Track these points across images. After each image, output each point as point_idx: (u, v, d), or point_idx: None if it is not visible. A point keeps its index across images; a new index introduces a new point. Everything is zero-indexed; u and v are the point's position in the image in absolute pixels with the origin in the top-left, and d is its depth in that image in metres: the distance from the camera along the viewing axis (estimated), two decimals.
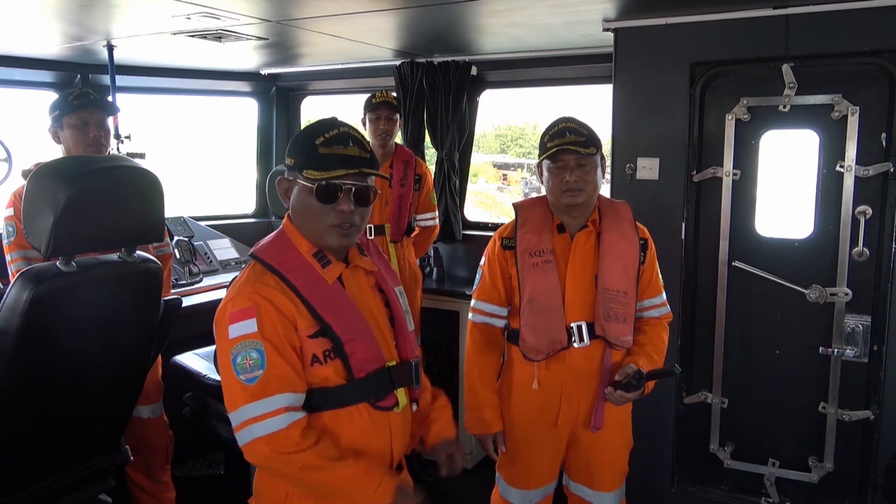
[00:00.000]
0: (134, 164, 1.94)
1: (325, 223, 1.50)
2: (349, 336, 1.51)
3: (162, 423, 2.84)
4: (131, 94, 4.13)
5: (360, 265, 1.63)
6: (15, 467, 1.85)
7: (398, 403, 1.59)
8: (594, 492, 2.28)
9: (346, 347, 1.51)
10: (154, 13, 2.65)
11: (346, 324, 1.52)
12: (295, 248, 1.54)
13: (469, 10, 2.64)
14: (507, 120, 9.60)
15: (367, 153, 1.52)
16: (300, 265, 1.52)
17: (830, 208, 2.65)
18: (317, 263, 1.53)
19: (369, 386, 1.55)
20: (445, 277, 4.02)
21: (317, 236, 1.53)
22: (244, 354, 1.43)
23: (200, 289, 3.55)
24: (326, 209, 1.49)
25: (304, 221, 1.54)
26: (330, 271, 1.54)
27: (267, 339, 1.44)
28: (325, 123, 1.53)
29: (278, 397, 1.44)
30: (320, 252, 1.54)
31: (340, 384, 1.52)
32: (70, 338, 1.81)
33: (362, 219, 1.54)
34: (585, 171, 2.07)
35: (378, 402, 1.56)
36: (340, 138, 1.50)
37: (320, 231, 1.52)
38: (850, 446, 2.72)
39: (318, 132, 1.50)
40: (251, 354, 1.43)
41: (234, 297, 1.48)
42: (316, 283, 1.52)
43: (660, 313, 2.27)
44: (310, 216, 1.52)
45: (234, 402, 1.46)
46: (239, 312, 1.45)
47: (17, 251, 2.44)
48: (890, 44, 2.43)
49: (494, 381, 2.28)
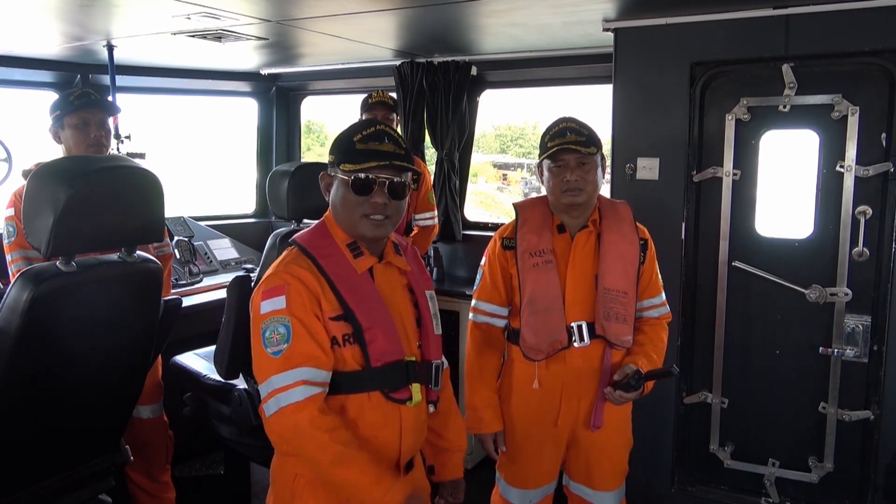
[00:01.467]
0: (134, 164, 1.94)
1: (359, 214, 1.57)
2: (370, 324, 1.56)
3: (162, 423, 2.84)
4: (131, 94, 4.13)
5: (394, 262, 1.68)
6: (15, 467, 1.85)
7: (412, 398, 1.61)
8: (594, 491, 2.28)
9: (366, 335, 1.55)
10: (154, 13, 2.65)
11: (369, 312, 1.57)
12: (331, 237, 1.62)
13: (469, 10, 2.64)
14: (507, 120, 9.60)
15: (401, 150, 1.60)
16: (334, 252, 1.60)
17: (830, 208, 2.65)
18: (349, 253, 1.61)
19: (384, 375, 1.58)
20: (445, 277, 4.02)
21: (351, 227, 1.60)
22: (272, 329, 1.50)
23: (200, 289, 3.55)
24: (361, 201, 1.56)
25: (341, 213, 1.61)
26: (361, 262, 1.61)
27: (294, 315, 1.50)
28: (364, 123, 1.64)
29: (299, 370, 1.49)
30: (354, 243, 1.61)
31: (356, 370, 1.56)
32: (70, 338, 1.81)
33: (396, 212, 1.61)
34: (586, 170, 2.07)
35: (392, 392, 1.59)
36: (376, 135, 1.59)
37: (354, 222, 1.58)
38: (850, 446, 2.72)
39: (358, 130, 1.60)
40: (279, 329, 1.50)
41: (268, 277, 1.57)
42: (345, 270, 1.59)
43: (659, 313, 2.27)
44: (346, 207, 1.59)
45: (262, 374, 1.52)
46: (271, 290, 1.53)
47: (17, 251, 2.44)
48: (890, 44, 2.43)
49: (495, 380, 2.28)
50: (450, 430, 1.86)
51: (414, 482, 1.72)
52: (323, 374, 1.52)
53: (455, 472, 1.87)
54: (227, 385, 2.35)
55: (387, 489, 1.50)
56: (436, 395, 1.73)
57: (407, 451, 1.66)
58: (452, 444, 1.86)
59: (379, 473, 1.51)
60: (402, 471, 1.66)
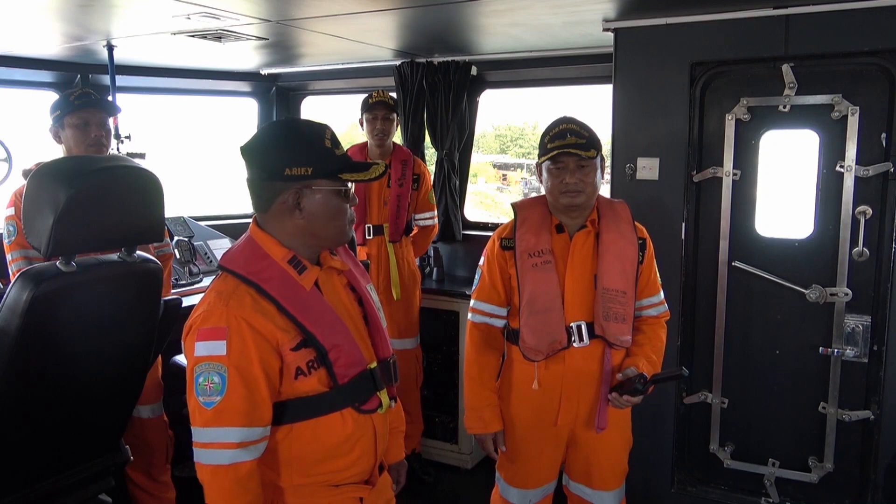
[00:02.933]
0: (134, 164, 1.94)
1: (344, 221, 1.53)
2: (332, 343, 1.48)
3: (162, 423, 2.84)
4: (131, 94, 4.13)
5: (332, 265, 1.59)
6: (15, 467, 1.85)
7: (381, 405, 1.58)
8: (594, 491, 2.28)
9: (330, 355, 1.48)
10: (154, 13, 2.65)
11: (328, 331, 1.49)
12: (268, 256, 1.49)
13: (469, 10, 2.64)
14: (507, 120, 9.60)
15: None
16: (276, 274, 1.47)
17: (830, 208, 2.65)
18: (293, 270, 1.49)
19: (353, 390, 1.53)
20: (445, 277, 4.02)
21: (335, 237, 1.54)
22: (206, 376, 1.39)
23: (200, 289, 3.55)
24: (346, 207, 1.53)
25: (325, 224, 1.51)
26: (306, 277, 1.50)
27: (234, 365, 1.39)
28: (312, 126, 1.55)
29: (229, 430, 1.40)
30: (294, 258, 1.50)
31: (323, 392, 1.50)
32: (70, 338, 1.81)
33: None
34: (585, 172, 2.06)
35: (362, 405, 1.55)
36: (337, 141, 1.53)
37: (340, 230, 1.53)
38: (850, 446, 2.72)
39: (320, 137, 1.51)
40: (213, 378, 1.39)
41: (205, 313, 1.43)
42: (294, 291, 1.47)
43: (658, 312, 2.27)
44: (334, 218, 1.51)
45: (193, 419, 1.44)
46: (209, 331, 1.40)
47: (17, 251, 2.44)
48: (890, 44, 2.43)
49: (494, 380, 2.28)
50: (391, 415, 1.76)
51: (384, 481, 1.71)
52: (258, 432, 1.43)
53: (397, 455, 1.84)
54: None
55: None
56: (395, 389, 1.67)
57: (381, 455, 1.64)
58: (393, 427, 1.79)
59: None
60: (376, 475, 1.65)
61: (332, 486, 1.56)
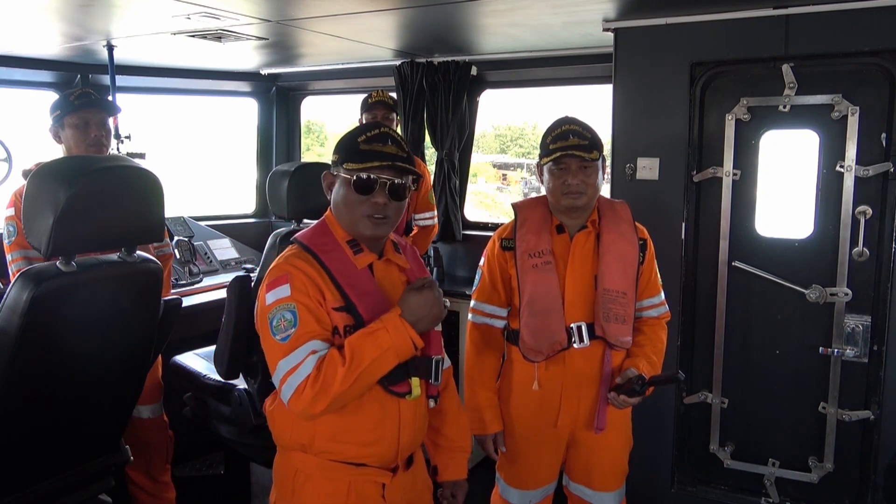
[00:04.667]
0: (134, 164, 1.94)
1: (360, 213, 1.60)
2: (371, 316, 1.57)
3: (162, 423, 2.84)
4: (131, 94, 4.13)
5: (394, 260, 1.71)
6: (15, 467, 1.85)
7: (411, 392, 1.62)
8: (594, 492, 2.28)
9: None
10: (154, 13, 2.65)
11: (370, 305, 1.59)
12: (332, 235, 1.65)
13: (469, 10, 2.64)
14: (507, 120, 9.60)
15: (404, 152, 1.63)
16: (334, 249, 1.63)
17: (830, 208, 2.65)
18: (349, 250, 1.64)
19: None
20: (445, 277, 4.02)
21: (352, 225, 1.63)
22: (279, 316, 1.54)
23: (200, 289, 3.55)
24: (362, 200, 1.59)
25: (343, 211, 1.63)
26: (361, 258, 1.64)
27: (299, 301, 1.54)
28: (369, 125, 1.66)
29: (306, 345, 1.52)
30: (354, 241, 1.64)
31: None
32: (70, 338, 1.81)
33: (396, 213, 1.64)
34: (588, 174, 2.06)
35: (391, 385, 1.59)
36: (380, 137, 1.62)
37: (355, 220, 1.61)
38: (850, 446, 2.72)
39: (363, 131, 1.63)
40: (285, 316, 1.53)
41: (271, 270, 1.61)
42: (346, 265, 1.62)
43: (658, 313, 2.27)
44: (348, 206, 1.61)
45: (273, 361, 1.55)
46: (274, 281, 1.57)
47: (17, 251, 2.44)
48: (890, 44, 2.43)
49: (494, 381, 2.28)
50: (449, 427, 1.86)
51: (414, 478, 1.73)
52: (329, 346, 1.54)
53: (457, 473, 1.87)
54: (227, 385, 2.35)
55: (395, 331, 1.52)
56: (436, 390, 1.73)
57: (406, 445, 1.67)
58: (452, 443, 1.86)
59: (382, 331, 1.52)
60: (402, 466, 1.68)
61: (353, 465, 1.62)
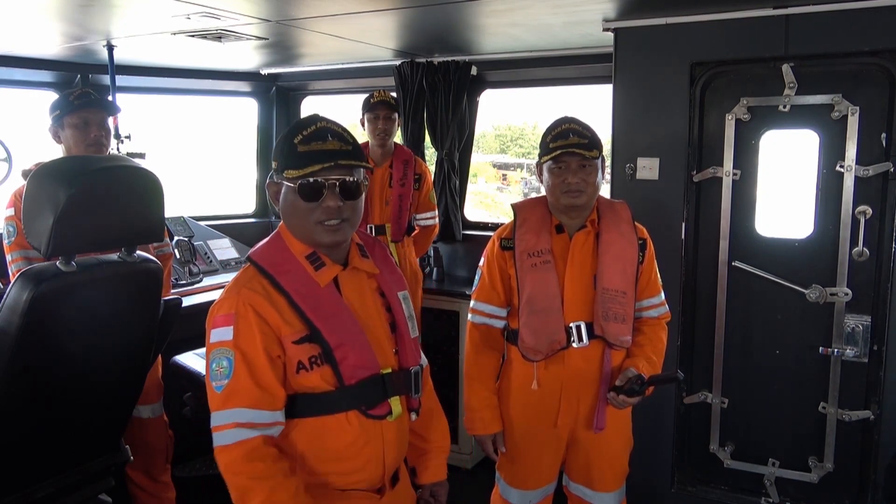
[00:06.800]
0: (134, 164, 1.94)
1: (313, 221, 1.45)
2: (339, 341, 1.46)
3: (162, 423, 2.84)
4: (131, 94, 4.13)
5: (360, 267, 1.57)
6: (15, 467, 1.85)
7: (392, 412, 1.54)
8: (594, 492, 2.28)
9: (336, 353, 1.46)
10: (154, 13, 2.65)
11: (337, 328, 1.47)
12: (288, 251, 1.50)
13: (469, 10, 2.64)
14: (507, 120, 9.60)
15: (348, 145, 1.47)
16: (292, 268, 1.48)
17: (830, 208, 2.65)
18: (309, 266, 1.49)
19: (360, 393, 1.49)
20: (445, 277, 4.02)
21: (307, 235, 1.49)
22: (217, 361, 1.43)
23: (200, 289, 3.55)
24: (312, 207, 1.45)
25: (294, 222, 1.49)
26: (323, 274, 1.49)
27: (239, 349, 1.41)
28: (303, 122, 1.50)
29: (233, 411, 1.42)
30: (314, 254, 1.50)
31: (329, 390, 1.47)
32: (70, 338, 1.81)
33: (354, 213, 1.49)
34: (587, 172, 2.06)
35: (369, 409, 1.51)
36: (318, 134, 1.46)
37: (308, 230, 1.47)
38: (850, 446, 2.72)
39: (297, 131, 1.47)
40: (222, 363, 1.42)
41: (221, 301, 1.47)
42: (308, 286, 1.47)
43: (658, 313, 2.27)
44: (297, 216, 1.47)
45: (210, 405, 1.46)
46: (221, 318, 1.44)
47: (17, 251, 2.44)
48: (890, 44, 2.43)
49: (493, 381, 2.28)
50: (432, 431, 1.78)
51: (399, 494, 1.67)
52: (265, 415, 1.43)
53: (437, 475, 1.79)
54: None
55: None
56: (417, 401, 1.63)
57: (391, 465, 1.59)
58: (435, 446, 1.78)
59: None
60: (388, 485, 1.61)
61: (339, 491, 1.53)
